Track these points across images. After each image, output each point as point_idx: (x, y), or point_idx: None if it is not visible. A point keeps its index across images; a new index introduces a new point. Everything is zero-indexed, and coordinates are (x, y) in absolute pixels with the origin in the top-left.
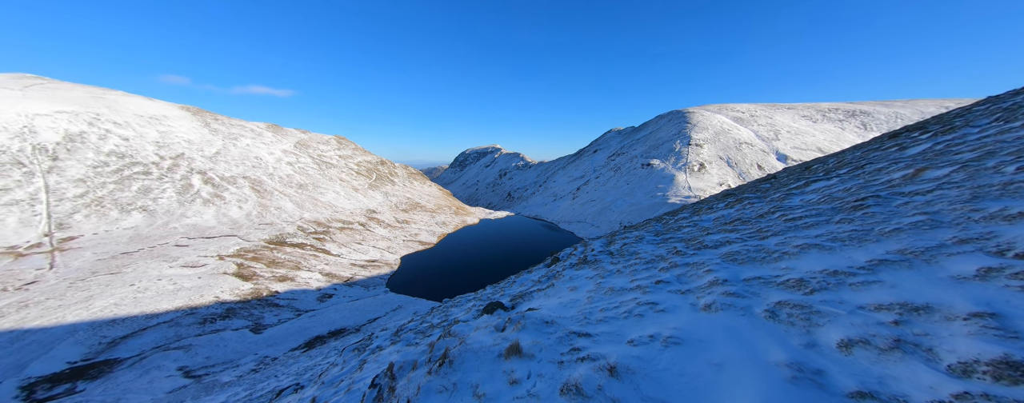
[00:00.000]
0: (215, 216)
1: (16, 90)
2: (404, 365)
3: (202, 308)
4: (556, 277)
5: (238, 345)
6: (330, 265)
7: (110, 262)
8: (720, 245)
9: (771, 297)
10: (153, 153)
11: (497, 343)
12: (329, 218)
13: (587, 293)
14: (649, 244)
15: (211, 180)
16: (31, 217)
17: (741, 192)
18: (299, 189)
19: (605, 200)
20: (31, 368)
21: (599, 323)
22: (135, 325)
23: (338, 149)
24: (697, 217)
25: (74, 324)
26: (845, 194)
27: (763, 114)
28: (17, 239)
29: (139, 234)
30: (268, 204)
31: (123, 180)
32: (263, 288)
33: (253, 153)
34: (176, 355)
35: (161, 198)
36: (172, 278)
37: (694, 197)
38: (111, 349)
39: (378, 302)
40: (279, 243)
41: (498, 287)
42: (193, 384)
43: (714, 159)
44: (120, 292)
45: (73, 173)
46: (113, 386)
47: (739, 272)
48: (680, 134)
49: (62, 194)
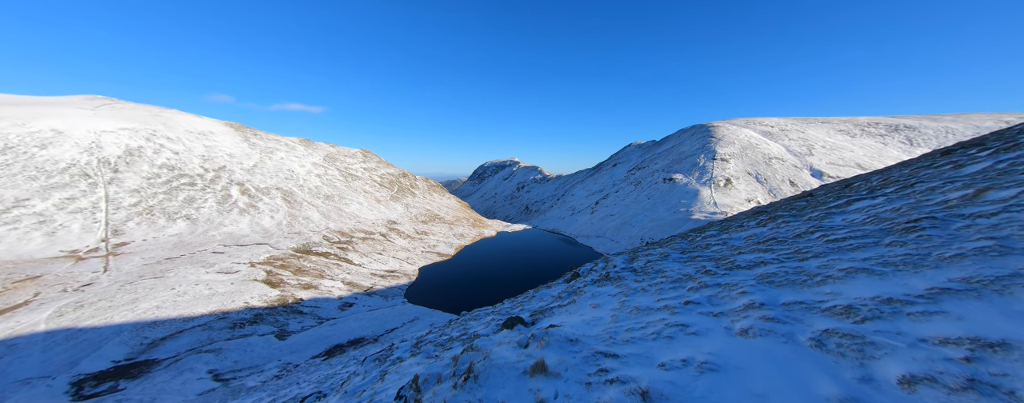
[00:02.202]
0: (249, 225)
1: (88, 110)
2: (429, 378)
3: (233, 313)
4: (577, 293)
5: (263, 350)
6: (351, 274)
7: (155, 267)
8: (754, 266)
9: (816, 324)
10: (199, 166)
11: (521, 360)
12: (352, 228)
13: (611, 311)
14: (675, 262)
15: (248, 191)
16: (92, 224)
17: (774, 210)
18: (326, 200)
19: (625, 215)
20: (81, 365)
21: (626, 344)
22: (173, 327)
23: (363, 162)
24: (726, 235)
25: (120, 325)
26: (894, 215)
27: (794, 128)
28: (79, 244)
29: (182, 241)
30: (297, 214)
31: (171, 190)
32: (289, 295)
33: (286, 166)
34: (207, 358)
35: (203, 207)
36: (208, 283)
37: (720, 214)
38: (151, 350)
39: (396, 312)
40: (305, 252)
41: (516, 301)
42: (221, 387)
43: (741, 174)
44: (162, 295)
45: (130, 184)
46: (150, 386)
47: (777, 295)
48: (704, 148)
49: (119, 203)
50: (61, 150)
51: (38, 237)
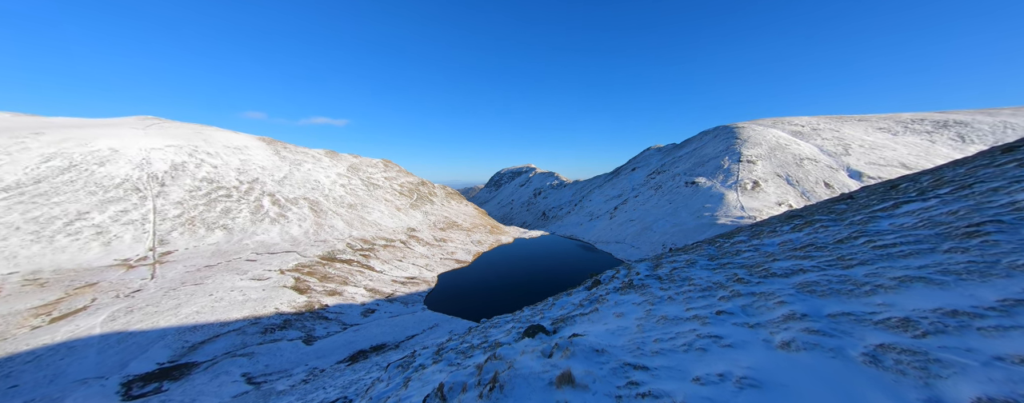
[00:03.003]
0: (279, 234)
1: (140, 129)
2: (454, 386)
3: (264, 318)
4: (599, 301)
5: (292, 355)
6: (373, 281)
7: (195, 274)
8: (792, 273)
9: (868, 338)
10: (235, 178)
11: (546, 370)
12: (374, 236)
13: (636, 321)
14: (703, 269)
15: (278, 201)
16: (141, 234)
17: (810, 213)
18: (349, 209)
19: (645, 220)
20: (130, 367)
21: (655, 355)
22: (211, 332)
23: (384, 171)
24: (758, 241)
25: (165, 329)
26: (951, 218)
27: (828, 127)
28: (130, 253)
29: (219, 249)
30: (323, 223)
31: (210, 202)
32: (315, 301)
33: (313, 177)
34: (241, 362)
35: (238, 217)
36: (242, 290)
37: (749, 218)
38: (191, 353)
39: (416, 319)
40: (330, 259)
41: (536, 309)
42: (253, 391)
43: (770, 176)
44: (201, 301)
45: (174, 196)
46: (190, 388)
47: (821, 306)
48: (728, 150)
49: (165, 214)
50: (116, 167)
51: (96, 247)
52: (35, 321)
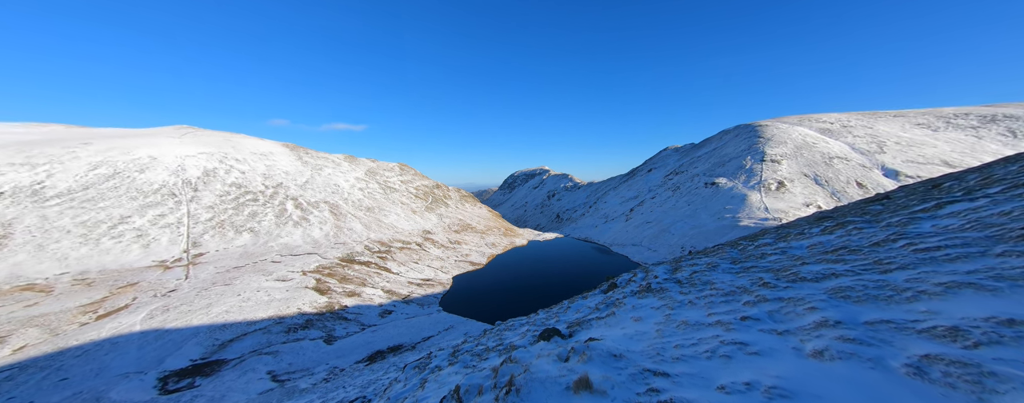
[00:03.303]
0: (301, 236)
1: (175, 138)
2: (470, 389)
3: (288, 318)
4: (616, 305)
5: (313, 354)
6: (390, 283)
7: (225, 275)
8: (823, 278)
9: (911, 348)
10: (261, 183)
11: (563, 374)
12: (391, 238)
13: (655, 325)
14: (725, 273)
15: (300, 205)
16: (176, 237)
17: (841, 215)
18: (367, 212)
19: (663, 222)
20: (166, 363)
21: (676, 361)
22: (239, 330)
23: (400, 175)
24: (784, 243)
25: (197, 327)
26: (1004, 219)
27: (860, 124)
28: (167, 255)
29: (246, 251)
30: (342, 225)
31: (238, 206)
32: (335, 302)
33: (333, 181)
34: (266, 360)
35: (263, 221)
36: (267, 290)
37: (774, 220)
38: (221, 350)
39: (432, 321)
40: (349, 261)
41: (551, 312)
42: (278, 388)
43: (796, 176)
44: (230, 301)
45: (206, 201)
46: (219, 384)
47: (856, 313)
48: (751, 149)
49: (198, 218)
50: (155, 174)
51: (136, 249)
52: (83, 318)
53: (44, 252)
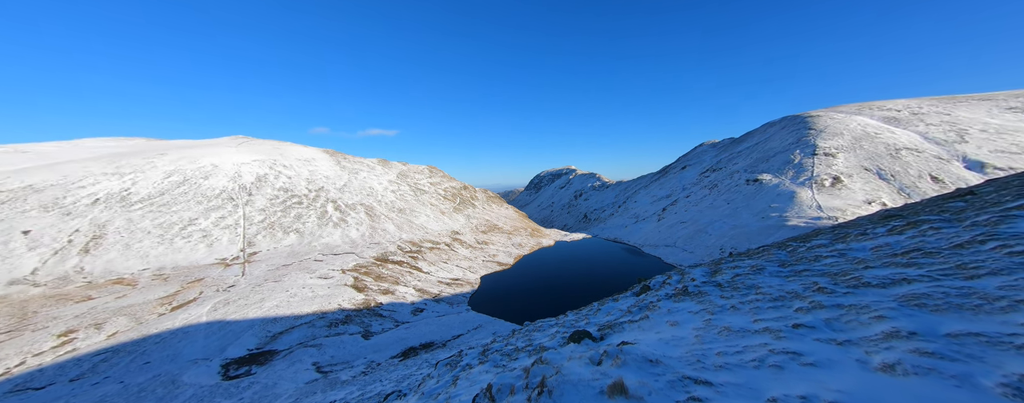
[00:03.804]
0: (340, 237)
1: (232, 147)
2: (502, 388)
3: (329, 313)
4: (650, 308)
5: (352, 348)
6: (421, 281)
7: (275, 272)
8: (891, 283)
9: (1008, 365)
10: (305, 187)
11: (596, 378)
12: (421, 238)
13: (694, 331)
14: (773, 277)
15: (339, 207)
16: (235, 237)
17: (913, 213)
18: (399, 213)
19: (699, 222)
20: (228, 351)
21: (719, 370)
22: (287, 324)
23: (429, 177)
24: (843, 245)
25: (253, 319)
26: None
27: (934, 110)
28: (226, 253)
29: (293, 251)
30: (376, 226)
31: (286, 208)
32: (371, 299)
33: (368, 184)
34: (311, 352)
35: (307, 222)
36: (311, 287)
37: (828, 219)
38: (272, 341)
39: (461, 319)
40: (383, 260)
41: (580, 314)
42: (321, 379)
43: (855, 171)
44: (279, 296)
45: (258, 204)
46: (272, 372)
47: (935, 323)
48: (800, 143)
49: (251, 220)
50: (217, 180)
51: (202, 248)
52: (160, 309)
53: (130, 250)
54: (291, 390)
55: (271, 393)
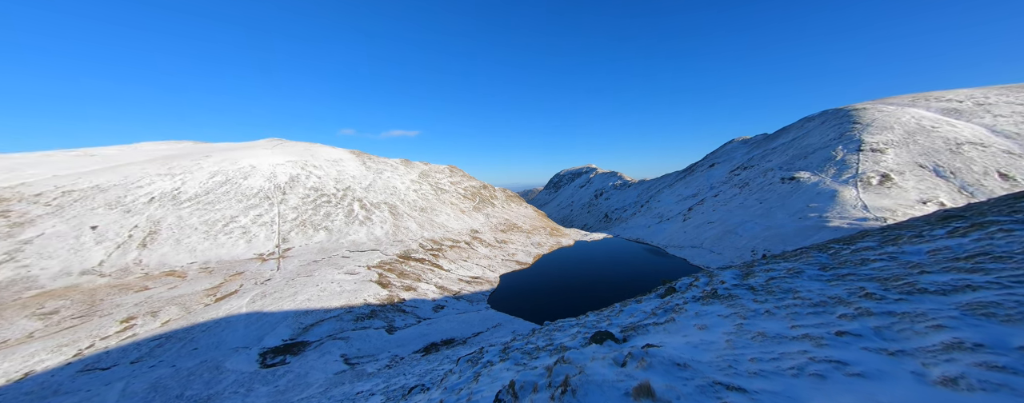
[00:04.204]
0: (366, 234)
1: (268, 149)
2: (525, 385)
3: (356, 307)
4: (676, 311)
5: (377, 342)
6: (442, 279)
7: (306, 267)
8: (953, 290)
9: None
10: (333, 186)
11: (621, 379)
12: (442, 237)
13: (724, 335)
14: (812, 280)
15: (365, 206)
16: (270, 234)
17: (978, 213)
18: (421, 212)
19: (728, 222)
20: (265, 341)
21: (754, 376)
22: (318, 316)
23: (450, 176)
24: (894, 247)
25: (287, 311)
26: None
27: (1003, 100)
28: (263, 248)
29: (322, 247)
30: (399, 224)
31: (316, 207)
32: (395, 295)
33: (391, 183)
34: (339, 344)
35: (335, 220)
36: (339, 282)
37: (875, 220)
38: (304, 333)
39: (481, 317)
40: (406, 257)
41: (602, 315)
42: (349, 370)
43: (908, 167)
44: (310, 290)
45: (291, 203)
46: (304, 362)
47: (1006, 335)
48: (842, 138)
49: (285, 217)
50: (255, 180)
51: (242, 243)
52: (206, 299)
53: (180, 245)
54: (321, 380)
55: (304, 382)
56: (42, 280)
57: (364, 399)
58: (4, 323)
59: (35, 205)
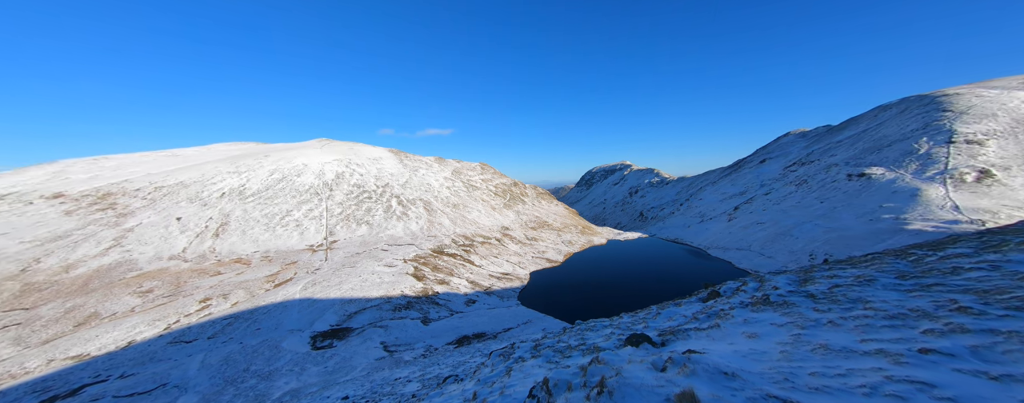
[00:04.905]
0: (402, 229)
1: (317, 148)
2: (559, 383)
3: (394, 298)
4: (720, 316)
5: (413, 332)
6: (474, 274)
7: (350, 259)
8: None
9: None
10: (373, 183)
11: (661, 384)
12: (473, 233)
13: (778, 345)
14: (888, 290)
15: (402, 202)
16: (319, 227)
17: None
18: (453, 208)
19: (782, 223)
20: (315, 325)
21: (816, 393)
22: (360, 305)
23: (481, 174)
24: (996, 255)
25: (334, 299)
26: None
27: None
28: (313, 240)
29: (364, 240)
30: (433, 220)
31: (358, 203)
32: (429, 288)
33: (426, 181)
34: (379, 332)
35: (376, 215)
36: (379, 274)
37: (969, 223)
38: (348, 320)
39: (511, 313)
40: (440, 252)
41: (637, 317)
42: (388, 357)
43: (1015, 162)
44: (353, 281)
45: (337, 199)
46: (348, 347)
47: None
48: (927, 128)
49: (332, 212)
50: (306, 177)
51: (295, 236)
52: (267, 285)
53: (246, 236)
54: (364, 364)
55: (348, 365)
56: (140, 263)
57: (402, 385)
58: (115, 298)
59: (135, 199)
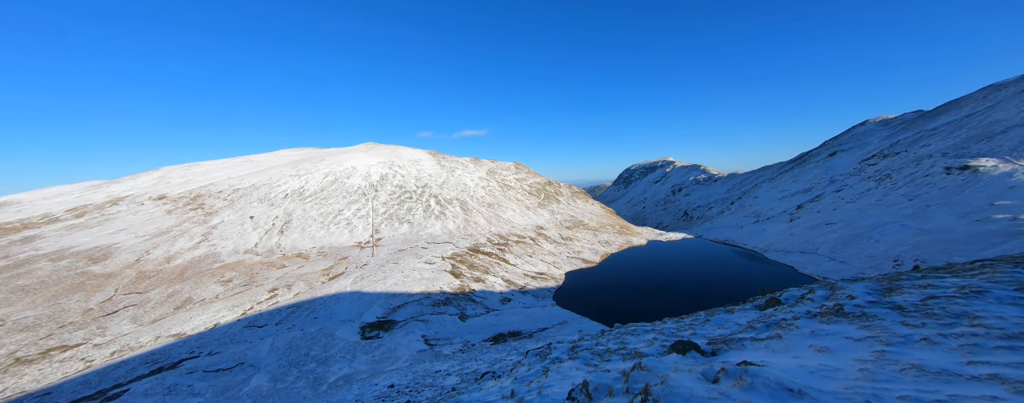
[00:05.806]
0: (440, 228)
1: (364, 152)
2: (599, 387)
3: (433, 294)
4: (782, 326)
5: (452, 327)
6: (508, 273)
7: (393, 255)
8: None
9: None
10: (413, 184)
11: (713, 397)
12: (508, 232)
13: (856, 362)
14: (1004, 304)
15: (440, 202)
16: (367, 225)
17: None
18: (488, 208)
19: (858, 223)
20: (364, 316)
21: None
22: (403, 299)
23: (515, 173)
24: None
25: (379, 293)
26: None
27: None
28: (361, 238)
29: (406, 238)
30: (469, 220)
31: (400, 203)
32: (466, 286)
33: (462, 181)
34: (421, 326)
35: (416, 214)
36: (419, 270)
37: None
38: (393, 313)
39: (546, 313)
40: (475, 251)
41: (683, 323)
42: (429, 350)
43: None
44: (397, 276)
45: (382, 199)
46: (392, 339)
47: None
48: None
49: (377, 212)
50: (355, 179)
51: (346, 233)
52: (323, 278)
53: (305, 233)
54: (407, 356)
55: (393, 355)
56: (222, 256)
57: (442, 378)
58: (203, 286)
59: (218, 200)
